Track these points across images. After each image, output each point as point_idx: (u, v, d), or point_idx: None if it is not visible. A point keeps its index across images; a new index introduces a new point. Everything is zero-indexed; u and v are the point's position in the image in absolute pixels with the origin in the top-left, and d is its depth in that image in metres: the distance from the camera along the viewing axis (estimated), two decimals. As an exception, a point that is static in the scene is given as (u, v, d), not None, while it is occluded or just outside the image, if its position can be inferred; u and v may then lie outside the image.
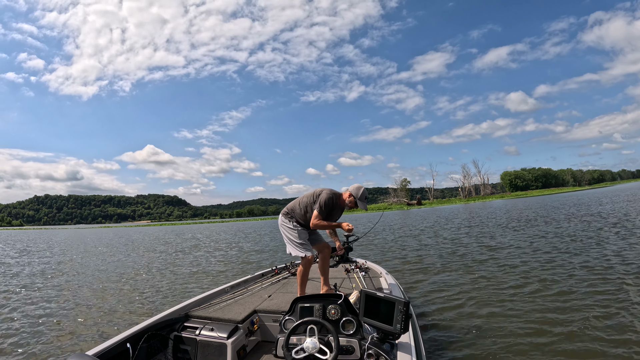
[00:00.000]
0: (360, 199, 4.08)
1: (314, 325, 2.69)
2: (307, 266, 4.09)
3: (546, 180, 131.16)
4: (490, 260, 9.32)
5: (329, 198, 4.04)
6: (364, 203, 4.10)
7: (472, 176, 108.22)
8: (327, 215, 4.09)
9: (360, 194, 4.10)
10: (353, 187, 4.16)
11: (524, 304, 5.61)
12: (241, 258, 14.09)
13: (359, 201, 4.08)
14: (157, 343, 3.26)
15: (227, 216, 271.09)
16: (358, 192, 4.10)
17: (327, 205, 4.03)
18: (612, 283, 6.21)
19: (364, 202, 4.11)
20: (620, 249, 9.00)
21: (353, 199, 4.09)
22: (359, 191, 4.10)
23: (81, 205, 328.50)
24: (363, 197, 4.11)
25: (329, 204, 4.04)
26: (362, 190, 4.12)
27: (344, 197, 4.14)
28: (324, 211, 4.02)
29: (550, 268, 7.71)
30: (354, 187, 4.16)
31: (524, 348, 4.15)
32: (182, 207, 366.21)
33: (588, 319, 4.71)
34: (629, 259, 7.76)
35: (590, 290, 5.92)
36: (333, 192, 4.12)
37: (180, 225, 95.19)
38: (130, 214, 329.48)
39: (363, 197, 4.10)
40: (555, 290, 6.12)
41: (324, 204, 4.00)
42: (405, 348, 2.53)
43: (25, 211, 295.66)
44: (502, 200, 76.16)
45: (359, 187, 4.13)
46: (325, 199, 4.02)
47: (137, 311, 6.87)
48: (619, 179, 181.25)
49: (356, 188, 4.13)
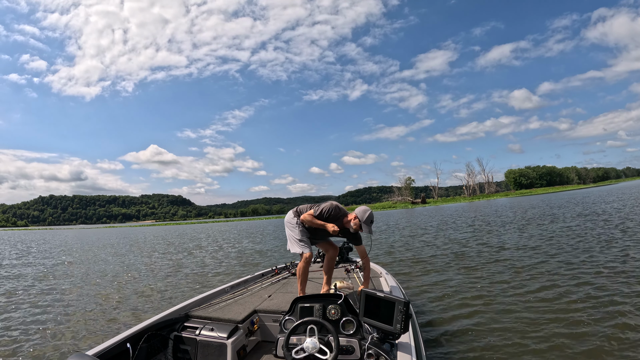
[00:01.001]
0: (366, 222, 3.96)
1: (314, 325, 2.68)
2: (306, 264, 4.08)
3: (550, 178, 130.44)
4: (491, 260, 9.27)
5: (331, 207, 4.03)
6: (368, 227, 3.99)
7: (476, 174, 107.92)
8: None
9: (366, 217, 3.97)
10: (359, 209, 4.05)
11: (525, 304, 5.57)
12: (243, 260, 14.08)
13: (364, 224, 3.96)
14: (157, 343, 3.26)
15: (231, 215, 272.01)
16: (364, 215, 3.98)
17: (327, 211, 4.01)
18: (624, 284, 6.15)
19: (369, 225, 3.99)
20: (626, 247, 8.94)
21: (358, 222, 3.97)
22: (364, 214, 3.98)
23: (86, 206, 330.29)
24: (368, 220, 3.98)
25: (329, 211, 4.02)
26: (368, 214, 3.99)
27: (348, 218, 4.05)
28: (320, 215, 4.01)
29: (553, 269, 7.65)
30: (360, 209, 4.06)
31: (524, 348, 4.12)
32: (187, 206, 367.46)
33: (593, 320, 4.67)
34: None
35: (594, 291, 5.86)
36: (339, 207, 4.09)
37: (185, 225, 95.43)
38: (134, 214, 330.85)
39: (368, 221, 3.98)
40: (557, 291, 6.05)
41: (324, 209, 4.02)
42: (405, 348, 2.52)
43: (30, 212, 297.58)
44: (507, 198, 75.86)
45: (366, 210, 4.03)
46: (327, 206, 4.04)
47: (137, 311, 6.89)
48: (623, 177, 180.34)
49: (362, 211, 4.02)
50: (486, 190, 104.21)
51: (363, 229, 3.98)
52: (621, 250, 8.60)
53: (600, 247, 9.36)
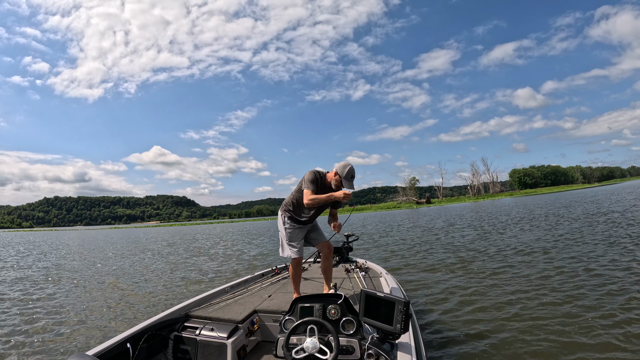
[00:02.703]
0: (346, 177, 3.74)
1: (314, 325, 2.66)
2: (295, 267, 4.04)
3: (555, 177, 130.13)
4: (492, 261, 9.20)
5: (312, 175, 3.83)
6: (349, 182, 3.76)
7: (480, 174, 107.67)
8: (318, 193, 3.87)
9: (346, 172, 3.74)
10: (339, 165, 3.83)
11: (526, 305, 5.53)
12: (242, 261, 14.09)
13: (344, 180, 3.74)
14: (157, 343, 3.26)
15: (236, 216, 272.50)
16: (343, 170, 3.75)
17: (312, 181, 3.79)
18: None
19: (349, 181, 3.76)
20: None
21: (339, 178, 3.76)
22: (344, 169, 3.75)
23: (90, 207, 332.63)
24: (349, 175, 3.75)
25: (313, 180, 3.80)
26: (348, 169, 3.76)
27: (329, 176, 3.88)
28: (312, 186, 3.78)
29: (556, 271, 7.55)
30: (339, 164, 3.83)
31: (524, 349, 4.09)
32: (191, 207, 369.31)
33: (592, 324, 4.59)
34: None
35: (596, 295, 5.76)
36: (317, 170, 3.91)
37: (190, 225, 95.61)
38: (139, 215, 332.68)
39: (349, 176, 3.75)
40: (559, 293, 5.97)
41: (309, 180, 3.79)
42: (405, 348, 2.51)
43: (35, 213, 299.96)
44: (512, 198, 75.51)
45: (345, 165, 3.79)
46: (308, 177, 3.82)
47: (137, 311, 6.90)
48: (628, 176, 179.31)
49: (342, 166, 3.79)
50: (491, 190, 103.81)
51: (344, 185, 3.76)
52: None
53: (610, 250, 9.29)
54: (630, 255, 7.93)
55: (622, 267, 7.02)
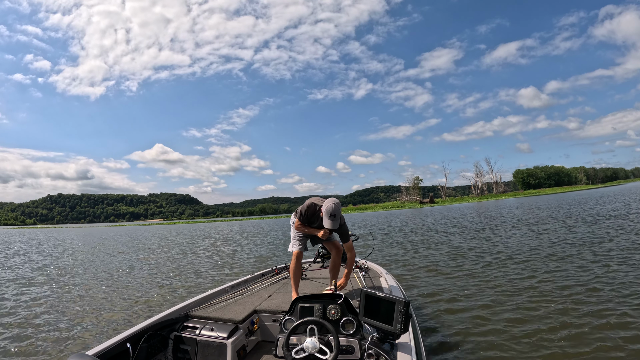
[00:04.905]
0: (325, 214, 3.72)
1: (314, 325, 2.66)
2: (296, 261, 4.10)
3: (559, 178, 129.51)
4: (493, 261, 9.16)
5: (305, 207, 4.01)
6: (327, 220, 3.71)
7: (484, 174, 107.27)
8: (308, 223, 4.07)
9: (325, 210, 3.73)
10: (326, 201, 3.82)
11: (526, 306, 5.50)
12: (244, 260, 14.10)
13: (324, 217, 3.74)
14: (157, 343, 3.26)
15: (239, 214, 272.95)
16: (325, 207, 3.74)
17: (304, 212, 4.00)
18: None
19: (327, 218, 3.70)
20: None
21: (322, 213, 3.80)
22: (326, 208, 3.72)
23: (94, 204, 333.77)
24: (327, 213, 3.69)
25: (305, 212, 4.00)
26: (328, 205, 3.72)
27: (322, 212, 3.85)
28: (301, 218, 4.03)
29: (558, 272, 7.51)
30: (327, 201, 3.81)
31: (524, 349, 4.08)
32: (194, 205, 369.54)
33: (594, 325, 4.57)
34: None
35: (595, 296, 5.73)
36: (314, 202, 3.99)
37: (193, 223, 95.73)
38: (142, 213, 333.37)
39: (327, 213, 3.69)
40: (560, 295, 5.93)
41: (301, 212, 4.03)
42: (405, 348, 2.50)
43: (39, 210, 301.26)
44: (515, 198, 75.36)
45: (328, 203, 3.75)
46: (303, 208, 4.03)
47: (137, 310, 6.92)
48: (632, 177, 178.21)
49: (326, 203, 3.78)
50: (494, 190, 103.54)
51: (324, 222, 3.75)
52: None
53: (612, 251, 9.24)
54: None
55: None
